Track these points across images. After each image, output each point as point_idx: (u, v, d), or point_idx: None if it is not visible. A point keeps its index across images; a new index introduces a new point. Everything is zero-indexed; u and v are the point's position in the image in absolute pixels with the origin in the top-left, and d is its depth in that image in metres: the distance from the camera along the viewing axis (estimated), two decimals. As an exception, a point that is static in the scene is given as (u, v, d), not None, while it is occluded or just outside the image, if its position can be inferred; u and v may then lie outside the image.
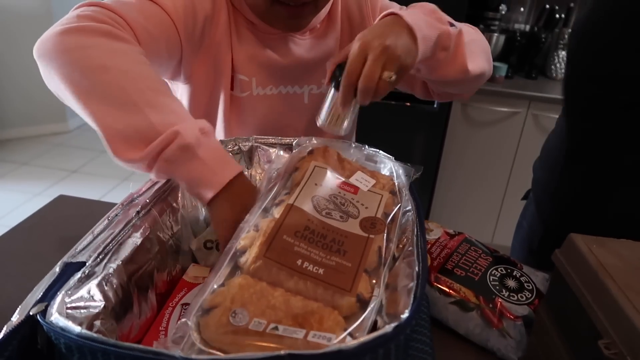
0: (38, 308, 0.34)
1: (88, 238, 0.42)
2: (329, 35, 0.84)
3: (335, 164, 0.60)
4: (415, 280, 0.38)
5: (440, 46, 0.68)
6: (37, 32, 2.66)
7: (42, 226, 0.84)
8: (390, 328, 0.32)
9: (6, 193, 2.71)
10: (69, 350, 0.31)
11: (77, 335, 0.31)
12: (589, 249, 0.51)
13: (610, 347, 0.43)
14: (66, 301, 0.35)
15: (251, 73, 0.79)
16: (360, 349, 0.30)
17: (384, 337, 0.31)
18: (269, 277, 0.42)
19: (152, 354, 0.30)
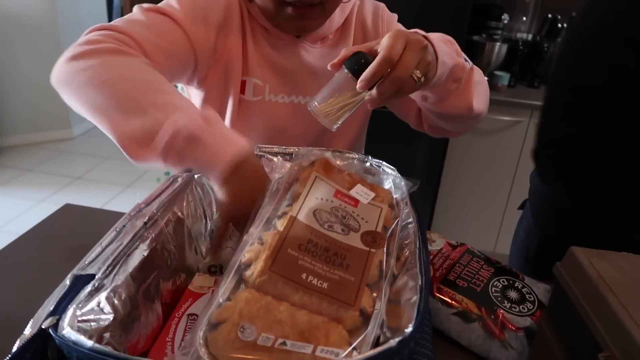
0: (50, 322, 0.34)
1: (97, 250, 0.43)
2: (340, 45, 0.85)
3: (335, 176, 0.61)
4: (418, 293, 0.39)
5: (452, 77, 0.69)
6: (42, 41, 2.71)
7: (48, 235, 0.85)
8: (395, 342, 0.33)
9: (11, 199, 2.73)
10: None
11: (89, 349, 0.32)
12: (589, 262, 0.52)
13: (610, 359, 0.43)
14: (77, 314, 0.36)
15: (265, 78, 0.81)
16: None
17: (388, 351, 0.32)
18: (274, 291, 0.43)
19: (162, 367, 0.31)
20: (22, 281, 0.71)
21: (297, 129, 0.88)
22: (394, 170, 0.63)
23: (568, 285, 0.53)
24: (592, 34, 0.85)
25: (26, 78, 3.31)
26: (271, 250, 0.46)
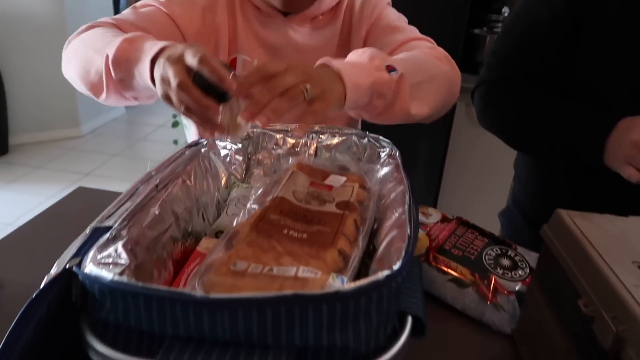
0: (73, 262, 0.38)
1: (113, 208, 0.47)
2: (328, 27, 0.89)
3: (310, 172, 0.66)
4: (406, 241, 0.43)
5: (376, 93, 0.64)
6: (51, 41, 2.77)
7: (63, 214, 0.89)
8: (383, 275, 0.36)
9: (22, 195, 2.78)
10: (102, 295, 0.36)
11: (110, 281, 0.35)
12: (573, 222, 0.55)
13: (588, 305, 0.46)
14: (97, 257, 0.40)
15: (254, 54, 0.86)
16: (356, 291, 0.35)
17: (377, 282, 0.36)
18: (260, 245, 0.47)
19: (175, 294, 0.34)
20: (40, 255, 0.75)
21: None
22: (390, 143, 0.67)
23: (553, 245, 0.57)
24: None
25: (35, 78, 3.37)
26: (255, 217, 0.51)
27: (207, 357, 0.34)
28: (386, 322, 0.38)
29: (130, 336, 0.38)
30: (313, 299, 0.34)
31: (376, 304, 0.36)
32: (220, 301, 0.34)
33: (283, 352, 0.35)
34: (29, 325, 0.36)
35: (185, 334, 0.36)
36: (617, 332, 0.41)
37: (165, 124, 3.99)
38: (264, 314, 0.34)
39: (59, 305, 0.38)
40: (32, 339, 0.36)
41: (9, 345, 0.35)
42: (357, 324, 0.36)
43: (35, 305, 0.36)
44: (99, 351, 0.36)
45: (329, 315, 0.35)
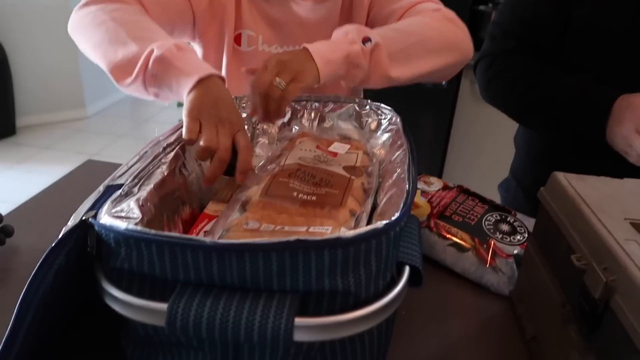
0: (89, 214, 0.40)
1: (123, 168, 0.49)
2: (331, 0, 0.90)
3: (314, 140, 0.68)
4: (405, 195, 0.45)
5: (351, 64, 0.71)
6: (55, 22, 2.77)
7: (74, 185, 0.92)
8: (382, 224, 0.38)
9: (30, 175, 2.82)
10: (117, 243, 0.38)
11: (125, 229, 0.38)
12: (569, 183, 0.57)
13: (580, 259, 0.48)
14: (111, 210, 0.42)
15: (258, 30, 0.88)
16: (356, 237, 0.37)
17: (376, 230, 0.38)
18: (272, 208, 0.49)
19: (186, 240, 0.36)
20: (52, 223, 0.77)
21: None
22: (391, 110, 0.68)
23: (549, 205, 0.58)
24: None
25: (40, 60, 3.38)
26: (265, 182, 0.53)
27: (216, 300, 0.37)
28: (385, 270, 0.40)
29: (144, 283, 0.40)
30: (315, 245, 0.36)
31: (375, 251, 0.38)
32: (228, 246, 0.36)
33: (288, 296, 0.37)
34: (48, 272, 0.38)
35: (196, 280, 0.38)
36: (607, 281, 0.43)
37: (170, 105, 4.00)
38: (269, 259, 0.36)
39: (76, 255, 0.40)
40: (52, 285, 0.39)
41: (31, 290, 0.37)
42: (357, 269, 0.38)
43: (55, 254, 0.38)
44: (114, 296, 0.38)
45: (331, 261, 0.37)
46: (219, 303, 0.36)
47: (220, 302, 0.36)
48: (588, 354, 0.47)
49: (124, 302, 0.38)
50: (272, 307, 0.36)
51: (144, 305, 0.38)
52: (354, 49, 0.70)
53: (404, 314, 0.64)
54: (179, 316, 0.36)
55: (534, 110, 0.91)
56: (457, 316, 0.65)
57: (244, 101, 0.75)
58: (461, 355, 0.58)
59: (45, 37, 3.34)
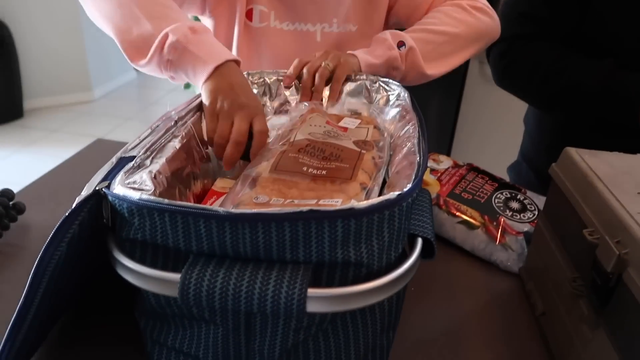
0: (103, 184, 0.41)
1: (135, 141, 0.49)
2: None
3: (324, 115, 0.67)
4: (416, 167, 0.45)
5: (390, 67, 0.80)
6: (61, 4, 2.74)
7: (83, 164, 0.92)
8: (394, 195, 0.38)
9: (40, 156, 2.84)
10: (130, 213, 0.38)
11: (139, 199, 0.38)
12: (582, 159, 0.57)
13: (593, 233, 0.48)
14: (125, 181, 0.42)
15: (271, 5, 0.87)
16: (369, 208, 0.37)
17: (389, 201, 0.37)
18: (283, 182, 0.49)
19: (200, 209, 0.36)
20: (63, 200, 0.78)
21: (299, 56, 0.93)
22: (399, 85, 0.68)
23: (561, 181, 0.58)
24: None
25: (47, 42, 3.38)
26: (275, 158, 0.52)
27: (228, 271, 0.37)
28: (397, 241, 0.40)
29: (156, 254, 0.40)
30: (328, 215, 0.36)
31: (388, 222, 0.38)
32: (241, 216, 0.36)
33: (300, 267, 0.37)
34: (62, 240, 0.38)
35: (209, 250, 0.38)
36: (620, 255, 0.43)
37: (177, 88, 4.00)
38: (282, 229, 0.36)
39: (89, 225, 0.41)
40: (66, 254, 0.39)
41: (45, 258, 0.38)
42: (370, 240, 0.38)
43: (69, 223, 0.38)
44: (127, 266, 0.38)
45: (344, 231, 0.37)
46: (232, 273, 0.36)
47: (233, 273, 0.37)
48: (599, 328, 0.47)
49: (136, 272, 0.38)
50: (285, 277, 0.36)
51: (156, 276, 0.38)
52: (392, 54, 0.80)
53: (413, 290, 0.64)
54: (191, 286, 0.36)
55: (558, 98, 0.89)
56: (467, 293, 0.65)
57: (256, 78, 0.75)
58: (471, 332, 0.59)
59: (52, 19, 3.33)
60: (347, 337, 0.44)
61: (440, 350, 0.56)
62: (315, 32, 0.91)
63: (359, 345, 0.44)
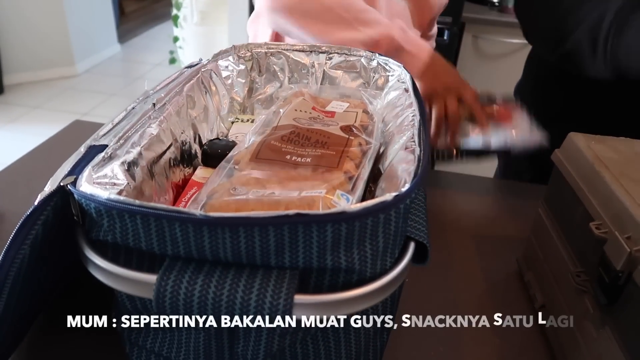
0: (68, 180, 0.36)
1: (108, 126, 0.45)
2: None
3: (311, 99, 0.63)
4: (415, 163, 0.41)
5: None
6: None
7: (60, 147, 0.88)
8: (391, 197, 0.34)
9: (21, 135, 2.76)
10: (99, 214, 0.34)
11: (107, 199, 0.34)
12: (587, 145, 0.53)
13: (600, 227, 0.45)
14: (93, 176, 0.38)
15: None
16: (362, 211, 0.33)
17: (384, 203, 0.34)
18: (262, 172, 0.45)
19: (174, 212, 0.32)
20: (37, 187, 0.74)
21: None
22: (400, 66, 0.64)
23: (565, 168, 0.55)
24: None
25: (27, 16, 3.26)
26: (255, 146, 0.49)
27: (208, 277, 0.33)
28: (393, 246, 0.36)
29: (130, 256, 0.37)
30: (317, 219, 0.32)
31: (383, 225, 0.34)
32: (221, 220, 0.32)
33: (286, 273, 0.34)
34: (24, 242, 0.35)
35: (186, 254, 0.34)
36: (631, 252, 0.40)
37: (162, 62, 3.90)
38: (267, 233, 0.33)
39: (55, 224, 0.37)
40: (29, 256, 0.35)
41: (6, 261, 0.34)
42: (362, 245, 0.34)
43: (30, 223, 0.35)
44: (99, 265, 0.35)
45: (334, 236, 0.33)
46: (212, 279, 0.33)
47: (213, 279, 0.33)
48: (604, 326, 0.44)
49: (108, 272, 0.35)
50: (269, 285, 0.32)
51: (130, 277, 0.34)
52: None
53: (407, 281, 0.61)
54: (167, 294, 0.33)
55: None
56: (464, 283, 0.63)
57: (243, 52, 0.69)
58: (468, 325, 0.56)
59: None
60: (338, 341, 0.41)
61: (435, 346, 0.54)
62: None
63: (350, 349, 0.42)
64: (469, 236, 0.72)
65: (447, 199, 0.82)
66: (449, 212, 0.79)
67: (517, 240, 0.71)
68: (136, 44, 4.35)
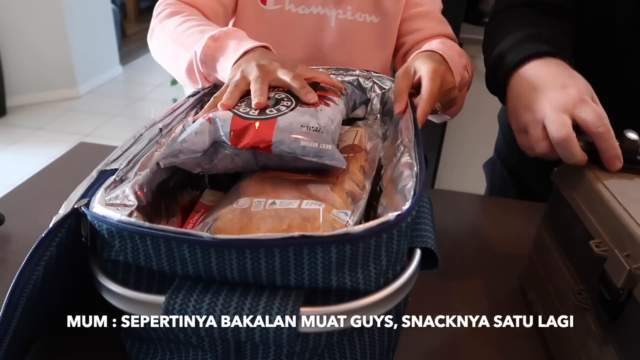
0: (81, 202, 0.38)
1: (117, 152, 0.46)
2: None
3: None
4: (414, 179, 0.42)
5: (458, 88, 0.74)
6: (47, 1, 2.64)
7: (66, 169, 0.89)
8: (393, 216, 0.35)
9: (23, 156, 2.77)
10: (110, 235, 0.36)
11: (118, 221, 0.35)
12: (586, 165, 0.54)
13: (600, 245, 0.46)
14: (105, 198, 0.39)
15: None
16: (365, 232, 0.34)
17: (386, 223, 0.35)
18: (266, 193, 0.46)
19: (183, 234, 0.34)
20: (44, 209, 0.75)
21: (313, 39, 0.91)
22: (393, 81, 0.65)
23: (564, 187, 0.56)
24: None
25: (30, 38, 3.30)
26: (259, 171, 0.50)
27: (215, 297, 0.34)
28: (395, 262, 0.37)
29: (140, 276, 0.37)
30: (322, 240, 0.33)
31: (386, 245, 0.36)
32: (228, 242, 0.33)
33: (292, 292, 0.35)
34: (39, 263, 0.35)
35: (195, 274, 0.35)
36: (631, 269, 0.41)
37: (163, 83, 3.94)
38: (272, 255, 0.34)
39: (68, 246, 0.38)
40: (43, 277, 0.36)
41: (19, 285, 0.35)
42: (366, 265, 0.35)
43: (45, 244, 0.35)
44: (110, 290, 0.36)
45: (338, 257, 0.34)
46: (218, 299, 0.34)
47: (220, 299, 0.34)
48: (607, 344, 0.45)
49: (120, 295, 0.36)
50: (274, 305, 0.33)
51: (140, 299, 0.35)
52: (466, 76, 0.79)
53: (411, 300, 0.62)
54: (175, 313, 0.34)
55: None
56: (466, 302, 0.63)
57: None
58: (471, 343, 0.57)
59: (35, 13, 3.25)
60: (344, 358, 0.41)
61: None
62: (330, 17, 0.89)
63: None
64: (471, 254, 0.73)
65: (448, 217, 0.83)
66: (450, 230, 0.80)
67: (518, 258, 0.72)
68: (137, 66, 4.40)
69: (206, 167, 0.49)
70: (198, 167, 0.49)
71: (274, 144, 0.45)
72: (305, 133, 0.46)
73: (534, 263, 0.63)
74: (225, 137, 0.46)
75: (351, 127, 0.63)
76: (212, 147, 0.47)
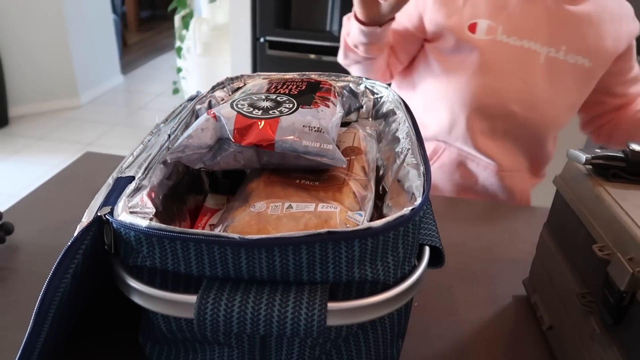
0: (105, 210, 0.39)
1: (130, 159, 0.48)
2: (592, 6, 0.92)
3: None
4: (421, 177, 0.44)
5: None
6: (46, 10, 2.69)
7: (73, 178, 0.90)
8: (408, 210, 0.38)
9: (25, 166, 2.79)
10: (138, 242, 0.37)
11: (147, 227, 0.36)
12: (587, 170, 0.56)
13: (603, 249, 0.47)
14: (127, 205, 0.40)
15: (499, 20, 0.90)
16: (385, 226, 0.36)
17: (403, 217, 0.37)
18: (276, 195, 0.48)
19: (213, 236, 0.35)
20: (52, 218, 0.76)
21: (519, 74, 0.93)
22: (387, 87, 0.67)
23: (566, 192, 0.57)
24: None
25: (32, 48, 3.33)
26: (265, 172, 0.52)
27: (245, 294, 0.36)
28: (411, 254, 0.40)
29: (166, 280, 0.39)
30: (345, 236, 0.35)
31: (403, 237, 0.38)
32: (258, 242, 0.35)
33: (318, 287, 0.37)
34: (67, 271, 0.36)
35: (223, 275, 0.37)
36: (634, 273, 0.42)
37: (164, 92, 3.96)
38: (300, 252, 0.35)
39: (92, 253, 0.39)
40: (71, 284, 0.37)
41: (50, 291, 0.36)
42: (385, 257, 0.38)
43: (72, 252, 0.37)
44: (142, 292, 0.37)
45: (361, 250, 0.36)
46: (249, 297, 0.36)
47: (250, 296, 0.36)
48: (611, 346, 0.46)
49: (151, 296, 0.37)
50: (303, 299, 0.35)
51: (173, 299, 0.37)
52: None
53: (416, 305, 0.63)
54: (208, 312, 0.35)
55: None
56: (471, 309, 0.64)
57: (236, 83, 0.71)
58: (475, 347, 0.58)
59: (36, 25, 3.28)
60: (359, 349, 0.44)
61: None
62: (540, 54, 0.91)
63: (370, 356, 0.45)
64: (475, 259, 0.74)
65: (451, 223, 0.84)
66: (454, 235, 0.81)
67: (522, 263, 0.74)
68: (139, 75, 4.43)
69: (209, 164, 0.50)
70: (201, 162, 0.50)
71: (276, 143, 0.47)
72: (307, 133, 0.47)
73: (538, 267, 0.65)
74: (229, 135, 0.48)
75: (348, 128, 0.64)
76: (217, 143, 0.49)
